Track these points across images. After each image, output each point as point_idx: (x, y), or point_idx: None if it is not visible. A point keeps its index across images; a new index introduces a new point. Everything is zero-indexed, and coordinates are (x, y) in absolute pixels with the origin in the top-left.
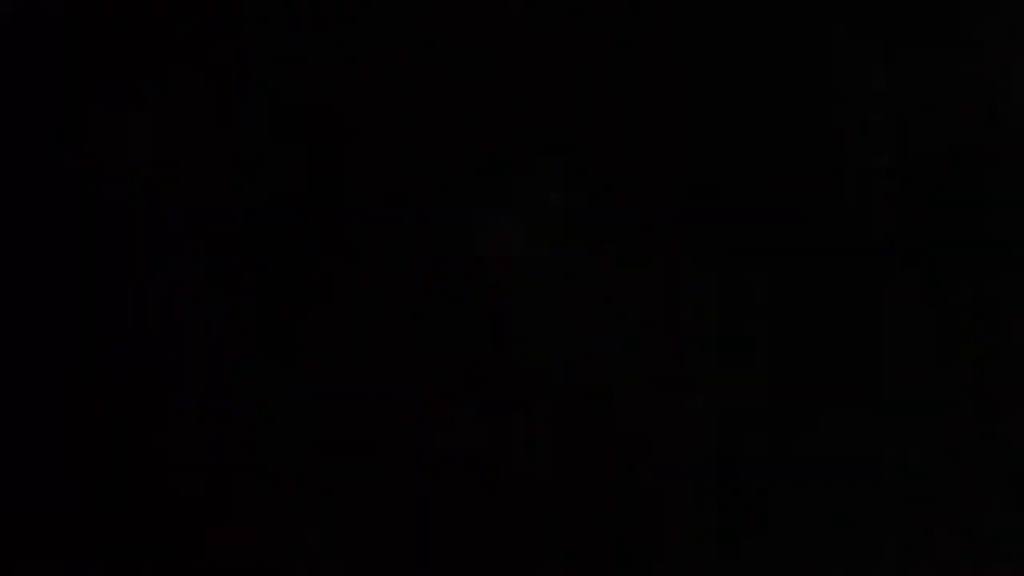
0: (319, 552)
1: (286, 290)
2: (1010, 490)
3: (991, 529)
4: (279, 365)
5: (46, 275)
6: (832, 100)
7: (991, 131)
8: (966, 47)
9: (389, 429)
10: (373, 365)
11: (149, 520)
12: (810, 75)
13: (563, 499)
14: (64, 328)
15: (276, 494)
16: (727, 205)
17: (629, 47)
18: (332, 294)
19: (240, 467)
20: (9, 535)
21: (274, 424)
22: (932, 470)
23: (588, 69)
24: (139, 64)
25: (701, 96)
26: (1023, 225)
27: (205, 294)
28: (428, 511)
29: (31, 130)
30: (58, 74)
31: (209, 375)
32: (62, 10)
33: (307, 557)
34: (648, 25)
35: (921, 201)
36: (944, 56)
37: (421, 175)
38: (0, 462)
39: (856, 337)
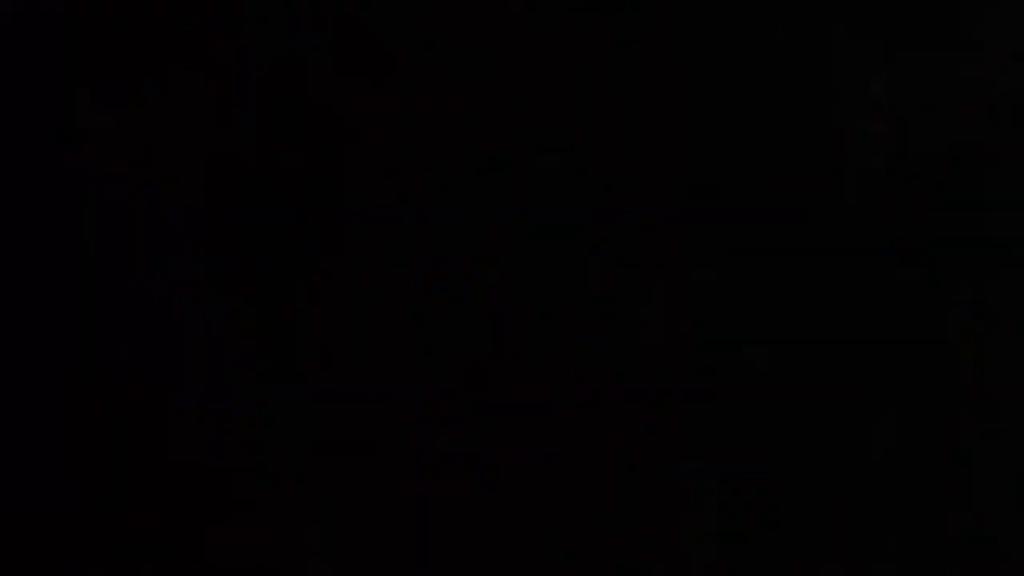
0: (319, 552)
1: (286, 290)
2: (1010, 490)
3: (991, 529)
4: (279, 365)
5: (46, 275)
6: (832, 100)
7: (991, 131)
8: (966, 47)
9: (389, 429)
10: (372, 365)
11: (149, 520)
12: (810, 76)
13: (563, 499)
14: (64, 328)
15: (276, 494)
16: (727, 205)
17: (629, 48)
18: (332, 294)
19: (240, 467)
20: (9, 535)
21: (274, 424)
22: (932, 470)
23: (589, 70)
24: (139, 64)
25: (701, 97)
26: (1023, 225)
27: (205, 294)
28: (428, 511)
29: (31, 130)
30: (58, 74)
31: (209, 375)
32: (62, 10)
33: (307, 557)
34: (649, 26)
35: (921, 201)
36: (944, 56)
37: (421, 175)
38: (0, 462)
39: (856, 337)
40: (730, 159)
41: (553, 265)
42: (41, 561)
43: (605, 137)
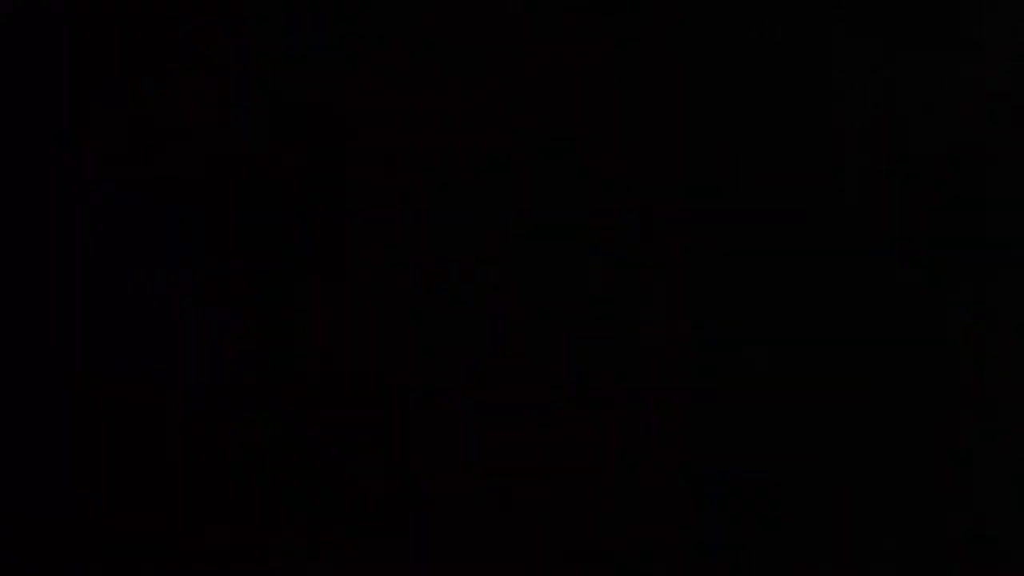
0: (318, 552)
1: (286, 290)
2: (1010, 490)
3: (991, 529)
4: (279, 365)
5: (46, 275)
6: (832, 100)
7: (991, 131)
8: (966, 47)
9: (388, 428)
10: (372, 364)
11: (149, 520)
12: (810, 75)
13: (562, 499)
14: (64, 328)
15: (275, 494)
16: (727, 205)
17: (629, 47)
18: (332, 294)
19: (240, 467)
20: (9, 535)
21: (274, 424)
22: (932, 470)
23: (589, 69)
24: (139, 64)
25: (701, 96)
26: (1023, 225)
27: (205, 294)
28: (427, 510)
29: (31, 130)
30: (58, 74)
31: (209, 375)
32: (62, 10)
33: (306, 557)
34: (648, 25)
35: (921, 201)
36: (944, 56)
37: (421, 175)
38: (0, 462)
39: (856, 337)
40: (730, 159)
41: (553, 265)
42: (41, 561)
43: (605, 137)
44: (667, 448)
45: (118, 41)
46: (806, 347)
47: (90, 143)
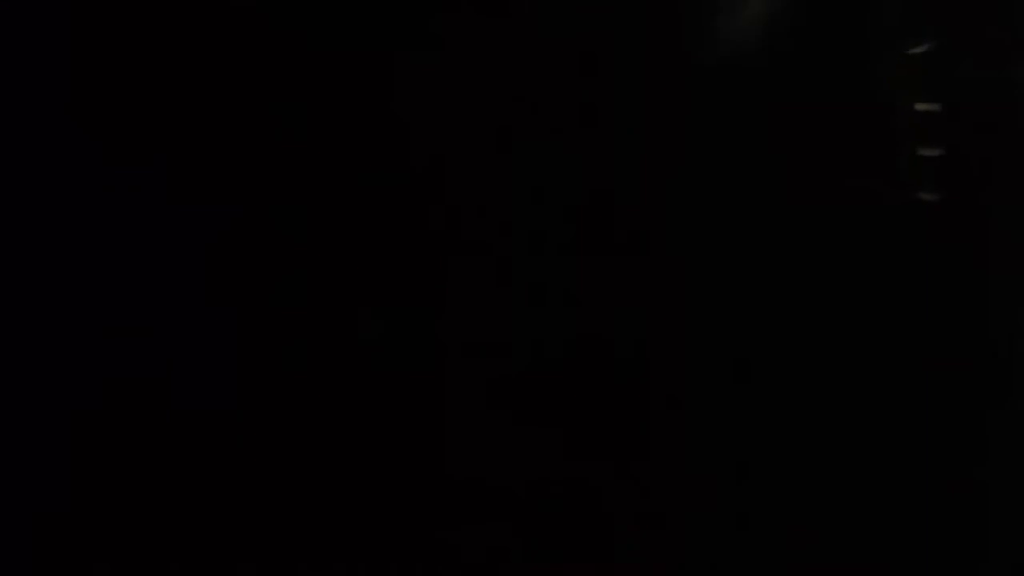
0: (319, 552)
1: (286, 290)
2: (1008, 489)
3: (989, 529)
4: (279, 365)
5: (47, 275)
6: (836, 99)
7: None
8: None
9: (388, 429)
10: (371, 364)
11: (150, 520)
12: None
13: (562, 499)
14: (65, 328)
15: (276, 495)
16: (724, 204)
17: (630, 47)
18: (332, 294)
19: (240, 467)
20: (10, 535)
21: (274, 424)
22: (932, 470)
23: (589, 68)
24: (139, 64)
25: (701, 95)
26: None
27: (205, 293)
28: (427, 511)
29: (32, 130)
30: (58, 75)
31: (209, 375)
32: (62, 10)
33: (307, 557)
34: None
35: (922, 200)
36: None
37: (420, 173)
38: (0, 462)
39: (856, 336)
40: (729, 157)
41: (552, 264)
42: (41, 561)
43: (606, 136)
44: (667, 447)
45: (118, 42)
46: (806, 347)
47: (91, 143)
